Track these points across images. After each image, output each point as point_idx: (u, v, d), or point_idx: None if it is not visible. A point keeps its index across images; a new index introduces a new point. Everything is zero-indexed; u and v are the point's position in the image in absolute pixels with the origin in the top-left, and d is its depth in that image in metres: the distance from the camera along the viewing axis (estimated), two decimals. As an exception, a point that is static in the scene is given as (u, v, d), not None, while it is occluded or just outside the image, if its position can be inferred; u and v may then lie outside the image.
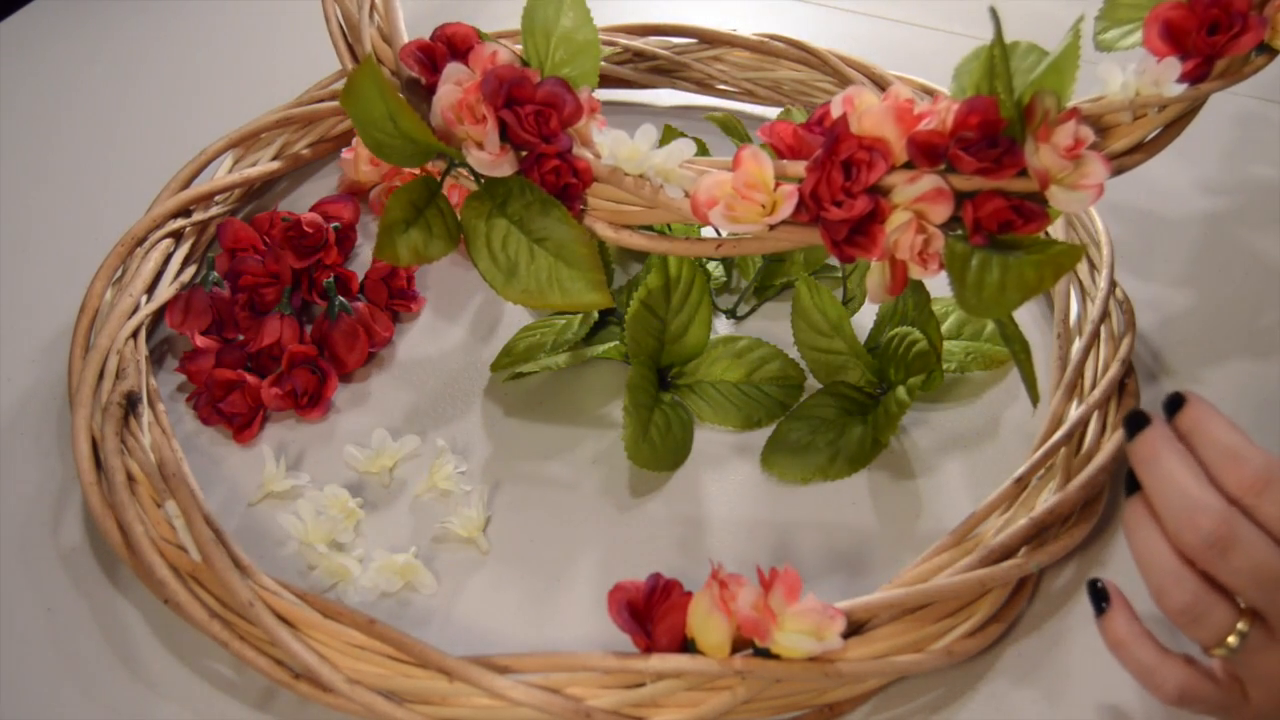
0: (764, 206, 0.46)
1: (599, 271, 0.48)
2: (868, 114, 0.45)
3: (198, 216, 0.64)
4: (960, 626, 0.46)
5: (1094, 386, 0.54)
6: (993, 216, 0.44)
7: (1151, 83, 0.47)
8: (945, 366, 0.56)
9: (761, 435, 0.57)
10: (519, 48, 0.51)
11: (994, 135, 0.44)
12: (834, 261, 0.61)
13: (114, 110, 0.78)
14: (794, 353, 0.58)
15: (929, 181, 0.44)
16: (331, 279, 0.60)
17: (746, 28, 0.74)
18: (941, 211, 0.45)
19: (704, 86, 0.75)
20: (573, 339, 0.58)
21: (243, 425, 0.57)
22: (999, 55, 0.44)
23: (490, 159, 0.47)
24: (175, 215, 0.63)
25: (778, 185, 0.46)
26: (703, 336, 0.58)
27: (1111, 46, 0.51)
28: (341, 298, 0.60)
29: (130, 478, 0.50)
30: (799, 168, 0.46)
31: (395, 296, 0.63)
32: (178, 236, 0.63)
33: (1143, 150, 0.49)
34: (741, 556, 0.52)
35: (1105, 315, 0.57)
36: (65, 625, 0.49)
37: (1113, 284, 0.58)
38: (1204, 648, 0.41)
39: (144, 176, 0.67)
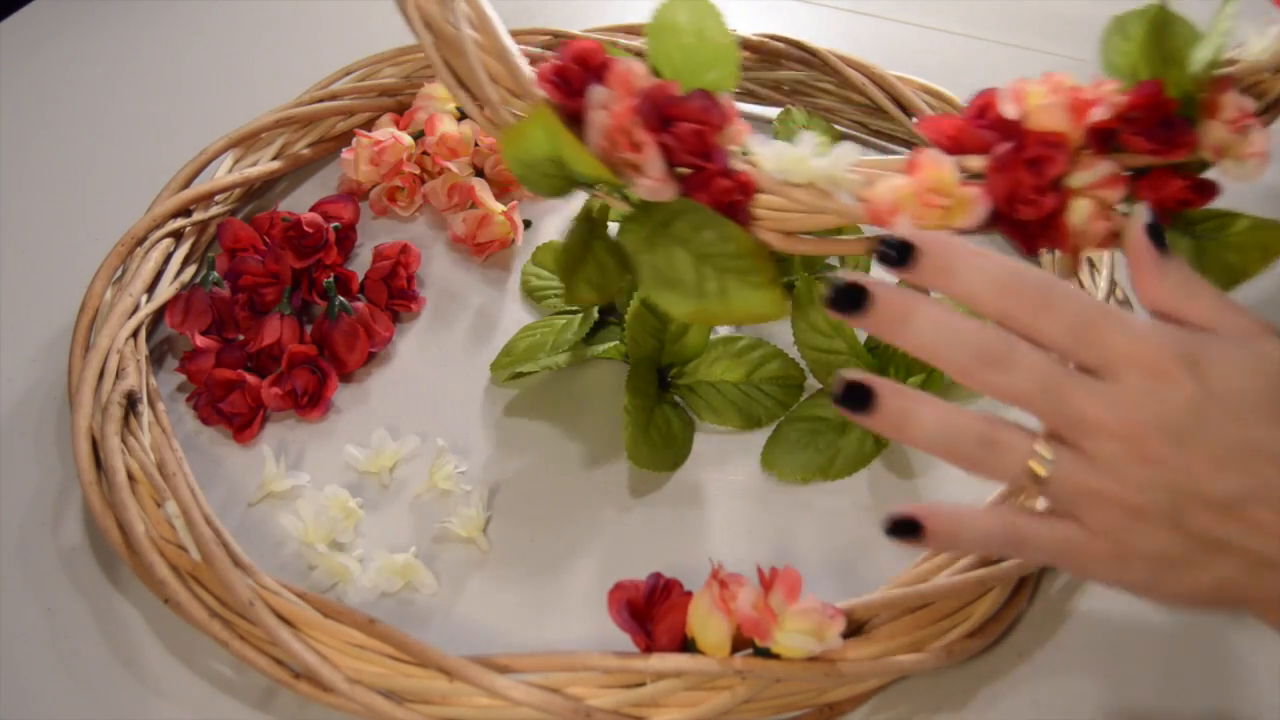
0: (945, 208, 0.45)
1: (775, 282, 0.47)
2: (1042, 108, 0.45)
3: (198, 216, 0.64)
4: (960, 626, 0.46)
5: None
6: (1173, 197, 0.45)
7: None
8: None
9: (761, 435, 0.57)
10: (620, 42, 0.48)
11: (1166, 116, 0.44)
12: (835, 261, 0.61)
13: (114, 110, 0.78)
14: (794, 353, 0.58)
15: (1106, 167, 0.44)
16: (331, 279, 0.60)
17: (746, 28, 0.74)
18: (1116, 194, 0.45)
19: (704, 86, 0.75)
20: (573, 339, 0.58)
21: (243, 425, 0.57)
22: (1170, 40, 0.44)
23: (654, 185, 0.46)
24: (175, 215, 0.63)
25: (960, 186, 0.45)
26: (703, 336, 0.58)
27: None
28: (341, 298, 0.60)
29: (130, 477, 0.50)
30: (976, 163, 0.45)
31: (395, 296, 0.63)
32: (178, 236, 0.63)
33: (1275, 109, 0.48)
34: (741, 556, 0.52)
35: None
36: (65, 625, 0.49)
37: (1113, 284, 0.58)
38: (1013, 481, 0.39)
39: (144, 176, 0.67)
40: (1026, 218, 0.44)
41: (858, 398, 0.39)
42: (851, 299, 0.39)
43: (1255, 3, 0.49)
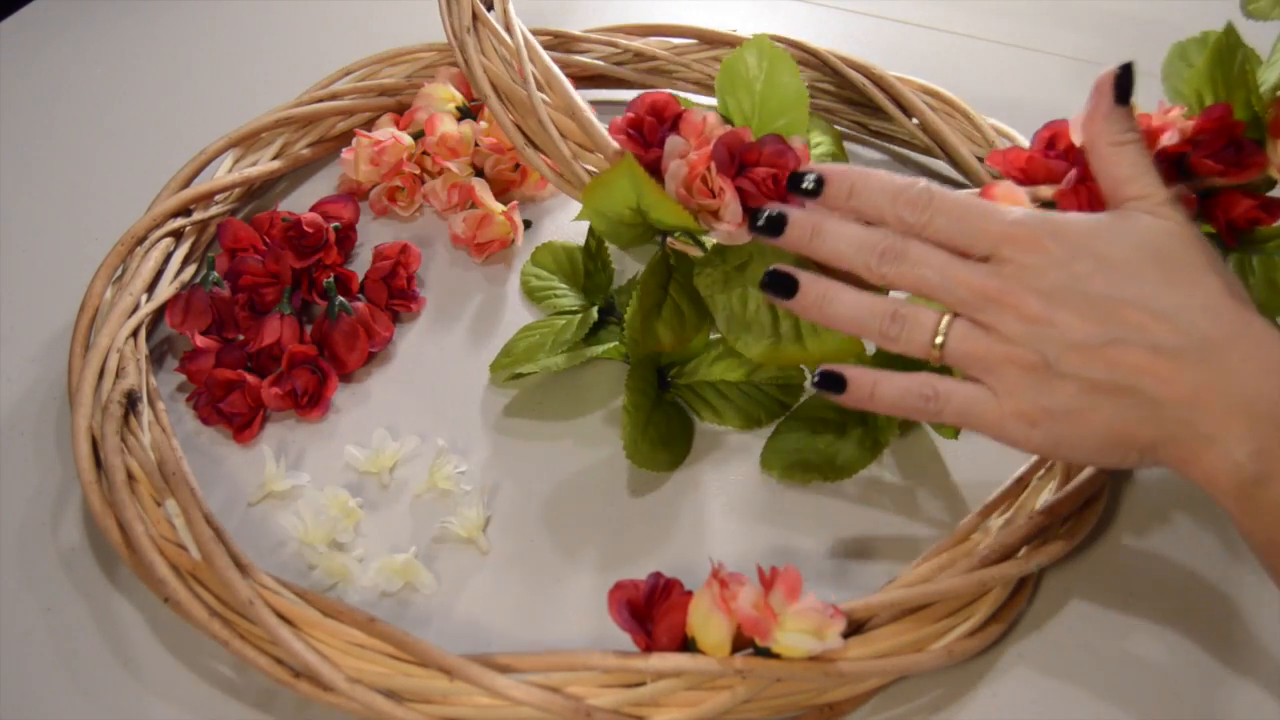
0: None
1: None
2: None
3: (198, 216, 0.64)
4: (960, 626, 0.46)
5: (1094, 386, 0.54)
6: (1244, 216, 0.46)
7: None
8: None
9: (762, 435, 0.57)
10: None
11: (1234, 138, 0.46)
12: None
13: (114, 110, 0.78)
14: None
15: (1174, 190, 0.45)
16: (331, 279, 0.60)
17: (746, 28, 0.74)
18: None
19: (704, 87, 0.75)
20: (572, 339, 0.58)
21: (243, 425, 0.57)
22: (1240, 62, 0.46)
23: (732, 230, 0.48)
24: (175, 214, 0.63)
25: None
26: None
27: (1266, 15, 0.51)
28: (341, 298, 0.60)
29: (130, 477, 0.50)
30: (1047, 192, 0.47)
31: (395, 296, 0.63)
32: (178, 236, 0.63)
33: None
34: (741, 556, 0.52)
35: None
36: (64, 625, 0.49)
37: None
38: (925, 354, 0.44)
39: (144, 176, 0.67)
40: None
41: (782, 284, 0.46)
42: (772, 224, 0.46)
43: None
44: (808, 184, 0.46)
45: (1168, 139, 0.46)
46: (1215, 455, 0.41)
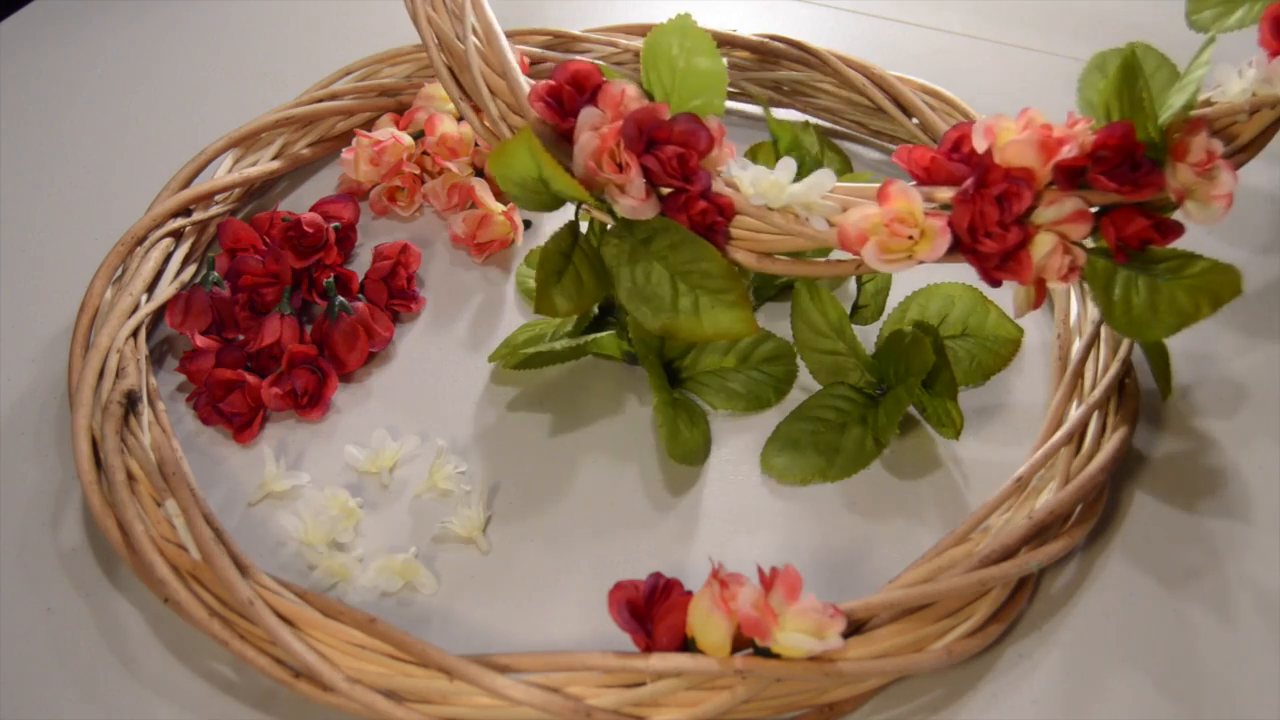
0: (912, 239, 0.46)
1: (745, 301, 0.49)
2: (1012, 145, 0.46)
3: (198, 216, 0.64)
4: (960, 626, 0.46)
5: (1094, 386, 0.54)
6: (1135, 236, 0.46)
7: (1265, 81, 0.47)
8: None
9: (762, 434, 0.57)
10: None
11: (1133, 157, 0.45)
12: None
13: (114, 110, 0.78)
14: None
15: (1071, 204, 0.45)
16: (331, 279, 0.60)
17: (746, 28, 0.74)
18: (1081, 230, 0.46)
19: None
20: (572, 333, 0.59)
21: (243, 425, 0.57)
22: (1140, 85, 0.45)
23: (636, 204, 0.48)
24: (175, 214, 0.63)
25: (926, 217, 0.47)
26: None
27: (1206, 28, 0.51)
28: (341, 298, 0.60)
29: (130, 477, 0.50)
30: (945, 194, 0.47)
31: (395, 296, 0.63)
32: (178, 236, 0.63)
33: (1247, 150, 0.49)
34: (741, 556, 0.52)
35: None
36: (65, 625, 0.49)
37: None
38: None
39: (144, 176, 0.67)
40: (989, 250, 0.46)
41: None
42: None
43: (1236, 44, 0.49)
44: None
45: (1067, 152, 0.45)
46: None
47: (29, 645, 0.49)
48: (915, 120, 0.69)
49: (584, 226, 0.52)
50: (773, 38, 0.73)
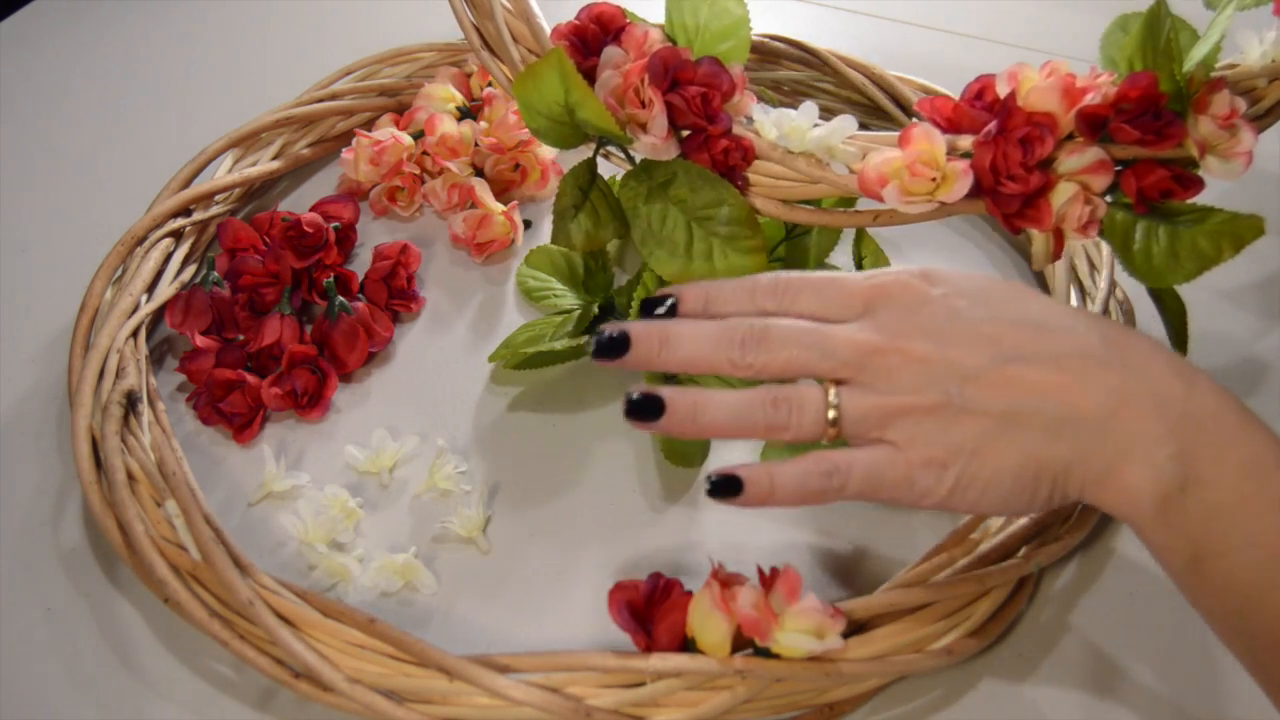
0: (934, 181, 0.46)
1: (763, 248, 0.49)
2: (1035, 90, 0.46)
3: (198, 216, 0.64)
4: (960, 626, 0.46)
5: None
6: (1155, 186, 0.46)
7: None
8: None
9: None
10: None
11: (1156, 108, 0.45)
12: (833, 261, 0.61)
13: (114, 110, 0.78)
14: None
15: (1093, 154, 0.46)
16: (331, 279, 0.60)
17: (746, 28, 0.74)
18: (1102, 181, 0.46)
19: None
20: (573, 332, 0.59)
21: (243, 425, 0.57)
22: (1167, 32, 0.45)
23: (657, 143, 0.48)
24: (175, 215, 0.63)
25: (948, 160, 0.47)
26: None
27: (1214, 4, 0.52)
28: (341, 298, 0.60)
29: (130, 477, 0.50)
30: (967, 142, 0.47)
31: (395, 296, 0.63)
32: (178, 236, 0.63)
33: (1268, 116, 0.49)
34: (741, 556, 0.52)
35: (1105, 315, 0.57)
36: (65, 625, 0.49)
37: (1113, 284, 0.58)
38: (820, 432, 0.41)
39: (144, 176, 0.67)
40: (1011, 192, 0.45)
41: (648, 408, 0.41)
42: (613, 344, 0.42)
43: (1257, 13, 0.49)
44: (662, 308, 0.44)
45: (1090, 99, 0.46)
46: (1132, 467, 0.39)
47: (29, 645, 0.49)
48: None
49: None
50: (773, 37, 0.73)
